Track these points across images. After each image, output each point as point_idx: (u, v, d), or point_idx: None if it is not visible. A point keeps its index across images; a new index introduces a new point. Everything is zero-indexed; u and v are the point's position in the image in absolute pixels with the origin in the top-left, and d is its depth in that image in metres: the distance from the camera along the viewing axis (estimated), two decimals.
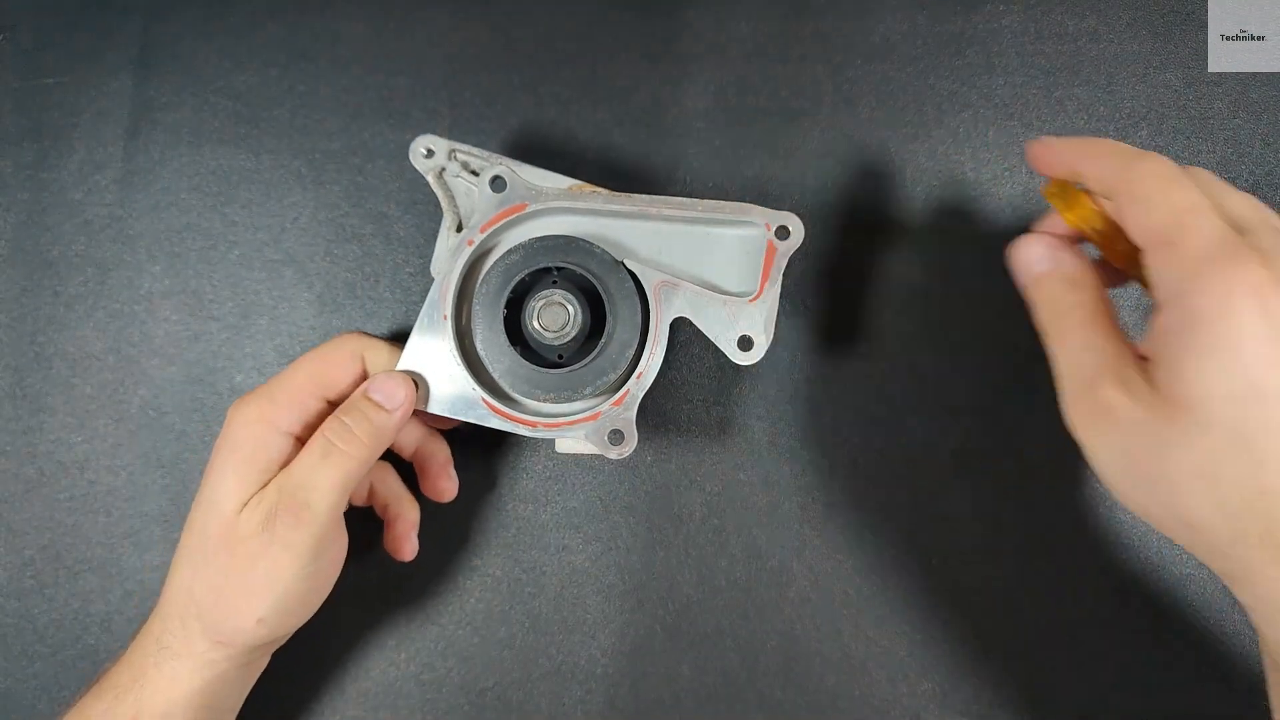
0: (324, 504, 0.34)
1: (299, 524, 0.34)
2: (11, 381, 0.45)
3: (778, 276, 0.38)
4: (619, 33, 0.46)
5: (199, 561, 0.35)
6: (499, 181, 0.37)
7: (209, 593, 0.35)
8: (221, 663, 0.35)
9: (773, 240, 0.37)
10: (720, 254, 0.39)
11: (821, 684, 0.42)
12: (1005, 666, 0.42)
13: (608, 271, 0.37)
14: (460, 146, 0.38)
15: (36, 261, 0.46)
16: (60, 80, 0.47)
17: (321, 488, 0.34)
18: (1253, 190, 0.43)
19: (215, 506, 0.35)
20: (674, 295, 0.37)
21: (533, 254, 0.37)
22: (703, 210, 0.38)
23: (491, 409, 0.37)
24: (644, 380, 0.37)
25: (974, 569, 0.43)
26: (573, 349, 0.38)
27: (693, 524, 0.44)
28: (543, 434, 0.38)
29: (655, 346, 0.37)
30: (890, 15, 0.46)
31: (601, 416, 0.37)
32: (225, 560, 0.34)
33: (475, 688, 0.43)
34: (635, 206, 0.38)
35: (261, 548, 0.34)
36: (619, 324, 0.37)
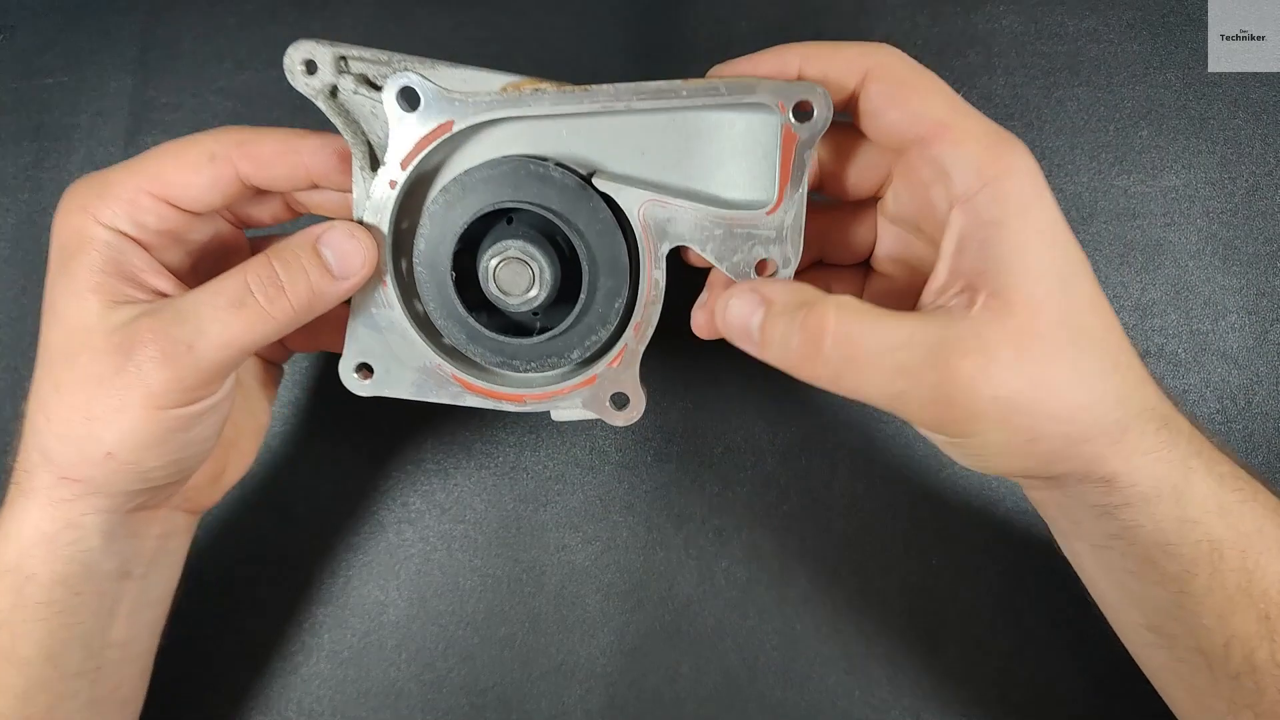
0: (212, 357, 0.28)
1: (167, 363, 0.28)
2: (10, 382, 0.45)
3: (801, 175, 0.28)
4: (619, 33, 0.46)
5: (46, 384, 0.30)
6: (409, 94, 0.29)
7: (50, 418, 0.29)
8: (78, 504, 0.30)
9: (790, 124, 0.28)
10: (720, 152, 0.29)
11: (821, 684, 0.42)
12: (1006, 666, 0.42)
13: (573, 200, 0.29)
14: (350, 50, 0.29)
15: (36, 261, 0.46)
16: (60, 80, 0.47)
17: (217, 339, 0.28)
18: (1253, 190, 0.44)
19: (57, 318, 0.29)
20: (665, 218, 0.29)
21: (470, 192, 0.30)
22: (689, 93, 0.28)
23: (467, 386, 0.31)
24: (644, 332, 0.31)
25: (975, 568, 0.43)
26: (546, 307, 0.31)
27: (693, 524, 0.44)
28: (533, 407, 0.32)
29: (650, 288, 0.30)
30: (890, 15, 0.46)
31: (598, 380, 0.31)
32: (69, 377, 0.29)
33: (475, 687, 0.43)
34: (597, 102, 0.28)
35: (113, 372, 0.28)
36: (599, 270, 0.30)
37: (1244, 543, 0.28)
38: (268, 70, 0.46)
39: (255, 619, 0.43)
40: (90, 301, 0.29)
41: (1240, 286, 0.43)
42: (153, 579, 0.34)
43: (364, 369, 0.32)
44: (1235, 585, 0.28)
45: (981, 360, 0.25)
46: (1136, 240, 0.44)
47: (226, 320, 0.28)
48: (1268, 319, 0.43)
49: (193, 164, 0.30)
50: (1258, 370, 0.43)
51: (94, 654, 0.32)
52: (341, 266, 0.30)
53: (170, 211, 0.30)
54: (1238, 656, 0.28)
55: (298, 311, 0.29)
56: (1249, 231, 0.43)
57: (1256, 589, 0.27)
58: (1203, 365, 0.43)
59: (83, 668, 0.32)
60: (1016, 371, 0.26)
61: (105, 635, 0.33)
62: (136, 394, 0.28)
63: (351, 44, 0.29)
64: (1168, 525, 0.28)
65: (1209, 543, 0.27)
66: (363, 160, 0.30)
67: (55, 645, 0.31)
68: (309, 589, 0.44)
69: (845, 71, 0.28)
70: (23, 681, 0.31)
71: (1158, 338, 0.43)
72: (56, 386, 0.29)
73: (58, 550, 0.30)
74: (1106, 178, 0.44)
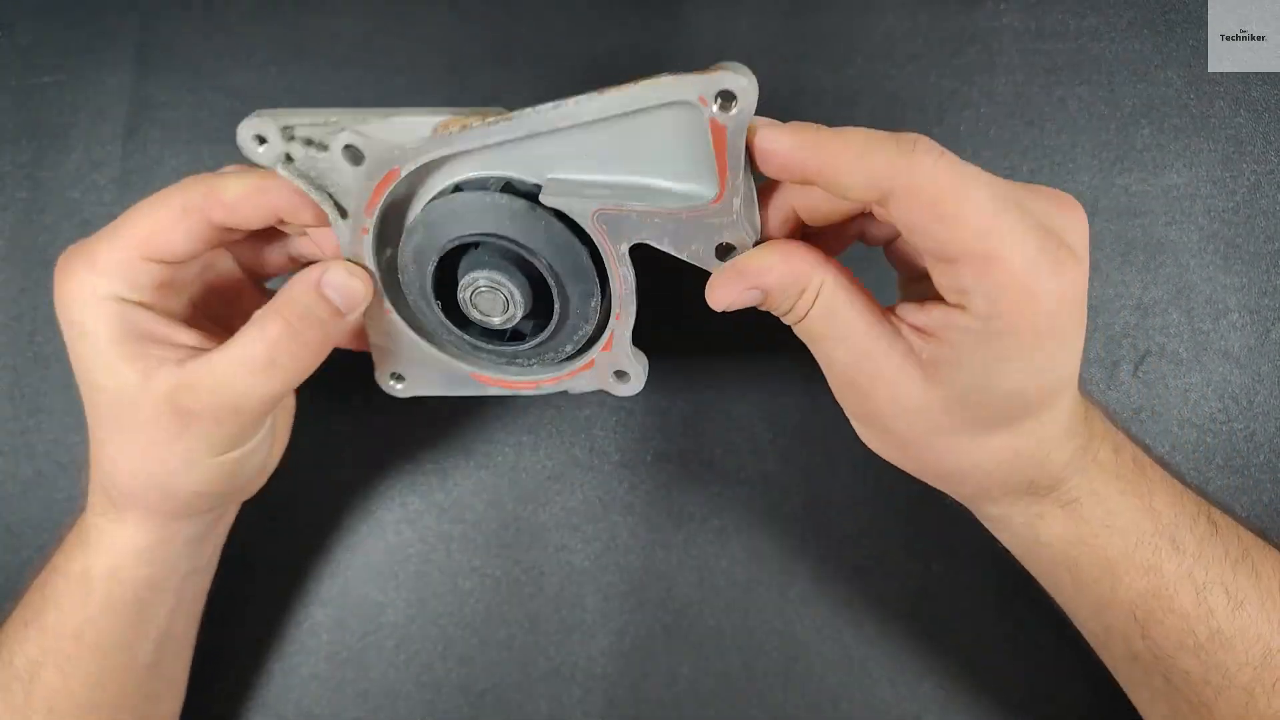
0: (255, 411, 0.31)
1: (219, 426, 0.31)
2: (9, 381, 0.45)
3: (738, 161, 0.28)
4: (619, 32, 0.46)
5: (110, 445, 0.33)
6: (352, 151, 0.30)
7: (127, 473, 0.32)
8: (169, 525, 0.34)
9: (715, 116, 0.27)
10: (658, 151, 0.29)
11: (822, 684, 0.42)
12: (1006, 667, 0.42)
13: (526, 222, 0.30)
14: (292, 119, 0.30)
15: (34, 260, 0.45)
16: (58, 78, 0.47)
17: (257, 400, 0.31)
18: (1253, 189, 0.44)
19: (99, 389, 0.32)
20: (618, 221, 0.30)
21: (432, 228, 0.31)
22: (610, 101, 0.28)
23: (485, 381, 0.35)
24: (625, 319, 0.32)
25: (975, 569, 0.43)
26: (530, 316, 0.33)
27: (693, 524, 0.44)
28: (547, 390, 0.35)
29: (621, 284, 0.31)
30: (891, 13, 0.46)
31: (595, 363, 0.34)
32: (134, 441, 0.32)
33: (474, 689, 0.43)
34: (522, 129, 0.29)
35: (174, 437, 0.31)
36: (566, 278, 0.31)
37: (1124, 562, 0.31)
38: (266, 68, 0.46)
39: (254, 619, 0.43)
40: (125, 372, 0.31)
41: (1242, 285, 0.43)
42: (207, 571, 0.39)
43: (396, 376, 0.36)
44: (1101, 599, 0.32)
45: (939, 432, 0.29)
46: (1138, 239, 0.44)
47: (262, 382, 0.31)
48: (1269, 318, 0.43)
49: (168, 222, 0.31)
50: (1259, 369, 0.42)
51: (160, 646, 0.36)
52: (346, 303, 0.32)
53: (158, 267, 0.32)
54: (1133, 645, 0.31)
55: (320, 355, 0.32)
56: (1250, 230, 0.43)
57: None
58: (1204, 364, 0.43)
59: (152, 659, 0.36)
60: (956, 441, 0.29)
61: (170, 628, 0.37)
62: (201, 451, 0.32)
63: (292, 109, 0.31)
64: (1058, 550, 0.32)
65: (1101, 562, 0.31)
66: (334, 214, 0.32)
67: (133, 637, 0.35)
68: (307, 590, 0.44)
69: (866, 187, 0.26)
70: (98, 670, 0.34)
71: (1159, 336, 0.43)
72: (122, 447, 0.32)
73: (150, 558, 0.34)
74: (1108, 176, 0.44)
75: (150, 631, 0.36)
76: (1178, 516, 0.31)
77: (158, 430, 0.31)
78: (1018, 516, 0.32)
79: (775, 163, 0.27)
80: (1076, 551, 0.31)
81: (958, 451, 0.29)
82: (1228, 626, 0.30)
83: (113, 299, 0.31)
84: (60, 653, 0.34)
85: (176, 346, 0.32)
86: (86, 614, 0.34)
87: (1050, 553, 0.32)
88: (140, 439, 0.32)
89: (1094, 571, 0.31)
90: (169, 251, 0.31)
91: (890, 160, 0.25)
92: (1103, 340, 0.43)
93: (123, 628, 0.34)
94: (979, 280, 0.25)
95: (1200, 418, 0.43)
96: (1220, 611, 0.30)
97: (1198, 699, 0.30)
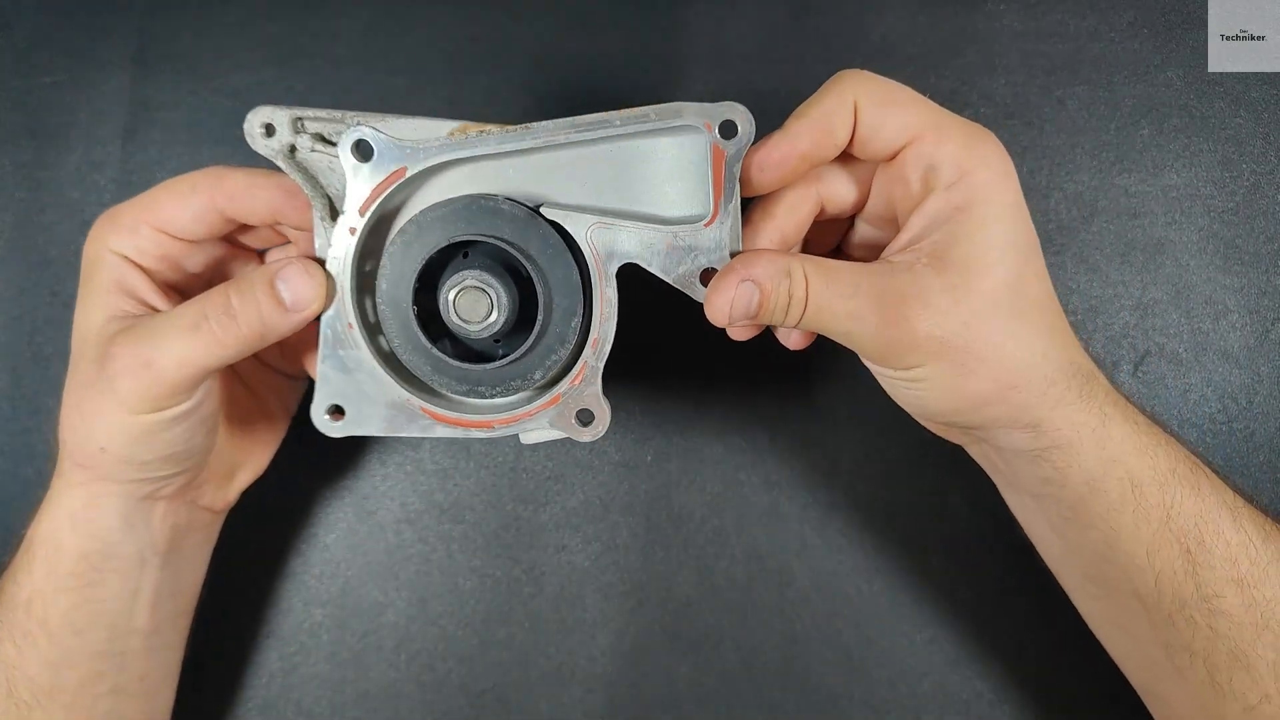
0: (171, 373, 0.31)
1: (130, 376, 0.31)
2: (9, 382, 0.45)
3: (733, 187, 0.31)
4: (618, 32, 0.46)
5: (69, 376, 0.34)
6: (363, 146, 0.31)
7: (65, 410, 0.33)
8: (93, 487, 0.34)
9: (718, 143, 0.30)
10: (657, 174, 0.31)
11: (821, 684, 0.42)
12: (1005, 667, 0.42)
13: (524, 230, 0.31)
14: (306, 112, 0.31)
15: (34, 260, 0.45)
16: (58, 79, 0.47)
17: (173, 356, 0.31)
18: (1253, 189, 0.44)
19: (76, 327, 0.34)
20: (612, 238, 0.31)
21: (425, 230, 0.31)
22: (622, 122, 0.30)
23: (436, 418, 0.33)
24: (601, 348, 0.32)
25: (974, 569, 0.43)
26: (506, 333, 0.32)
27: (693, 524, 0.44)
28: (501, 432, 0.33)
29: (604, 306, 0.32)
30: (890, 14, 0.46)
31: (562, 399, 0.32)
32: (72, 380, 0.33)
33: (474, 688, 0.43)
34: (539, 138, 0.30)
35: (94, 379, 0.32)
36: (554, 292, 0.31)
37: (1161, 480, 0.31)
38: (265, 68, 0.46)
39: (254, 620, 0.43)
40: (96, 315, 0.33)
41: (1241, 285, 0.43)
42: (172, 571, 0.37)
43: (336, 410, 0.33)
44: (1158, 520, 0.31)
45: (918, 305, 0.30)
46: (1137, 239, 0.44)
47: (183, 341, 0.31)
48: (1269, 318, 0.43)
49: (180, 196, 0.33)
50: (1259, 369, 0.42)
51: (118, 637, 0.36)
52: (294, 300, 0.32)
53: (164, 238, 0.34)
54: (1168, 594, 0.31)
55: (248, 338, 0.32)
56: (1250, 230, 0.43)
57: (1175, 524, 0.30)
58: (1204, 364, 0.43)
59: (108, 649, 0.35)
60: (951, 316, 0.30)
61: (128, 621, 0.36)
62: (110, 400, 0.32)
63: (306, 106, 0.32)
64: (1091, 464, 0.31)
65: (1130, 480, 0.31)
66: (323, 211, 0.32)
67: (80, 620, 0.34)
68: (308, 590, 0.44)
69: (839, 111, 0.31)
70: (53, 652, 0.34)
71: (1159, 337, 0.43)
72: (68, 392, 0.33)
73: (80, 526, 0.34)
74: (1107, 176, 0.44)
75: (101, 614, 0.35)
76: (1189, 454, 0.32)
77: (87, 374, 0.32)
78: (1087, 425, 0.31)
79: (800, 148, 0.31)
80: (1141, 465, 0.31)
81: (1004, 335, 0.30)
82: (1264, 554, 0.30)
83: (117, 255, 0.33)
84: (15, 625, 0.34)
85: (150, 309, 0.34)
86: (33, 584, 0.34)
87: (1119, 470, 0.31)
88: (76, 382, 0.33)
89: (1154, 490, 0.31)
90: (174, 226, 0.34)
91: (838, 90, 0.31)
92: (1102, 340, 0.43)
93: (69, 605, 0.34)
94: (938, 146, 0.31)
95: (1200, 418, 0.43)
96: (1257, 541, 0.30)
97: (1236, 646, 0.30)
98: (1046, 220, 0.44)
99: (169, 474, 0.35)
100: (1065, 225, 0.44)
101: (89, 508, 0.34)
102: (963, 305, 0.30)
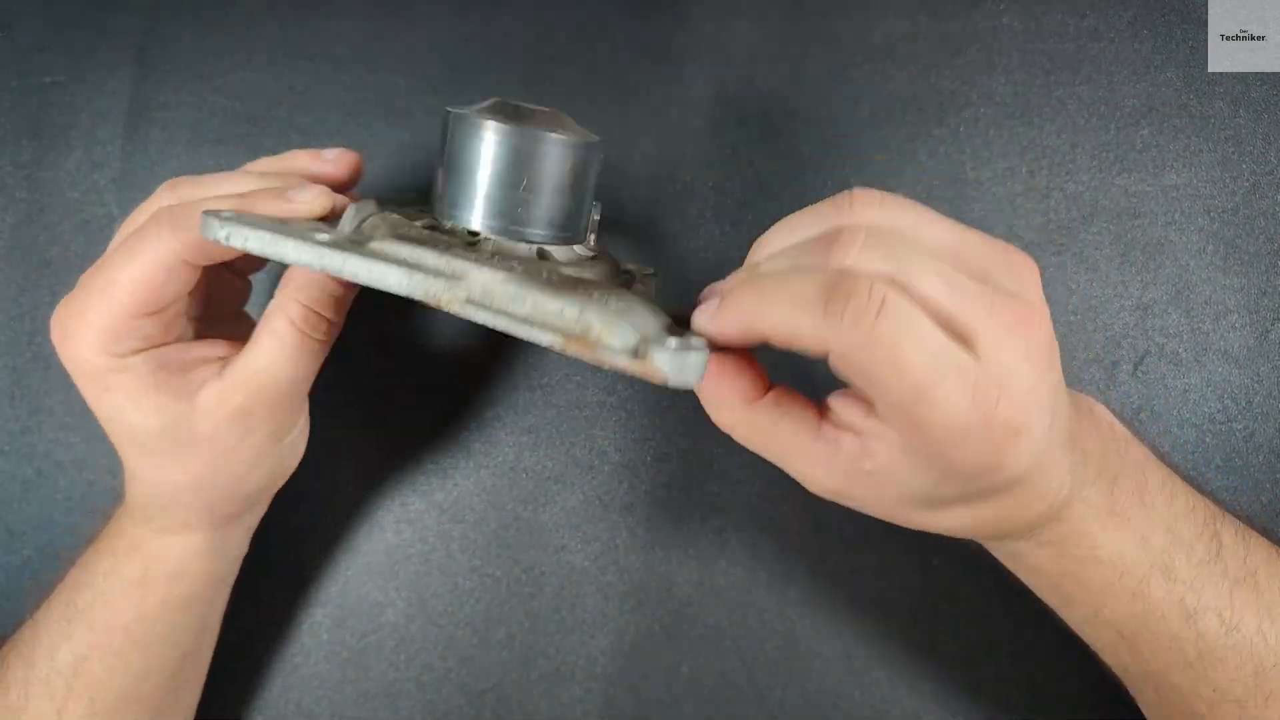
0: (304, 386, 0.33)
1: (278, 409, 0.33)
2: (9, 381, 0.45)
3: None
4: (619, 31, 0.46)
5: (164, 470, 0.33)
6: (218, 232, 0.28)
7: (192, 490, 0.33)
8: (224, 523, 0.36)
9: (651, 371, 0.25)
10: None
11: (821, 684, 0.42)
12: (1006, 667, 0.42)
13: None
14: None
15: (34, 261, 0.45)
16: (58, 79, 0.47)
17: (298, 379, 0.32)
18: (1253, 189, 0.43)
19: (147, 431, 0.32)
20: None
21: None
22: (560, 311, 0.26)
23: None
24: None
25: (976, 569, 0.43)
26: None
27: (692, 524, 0.44)
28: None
29: None
30: (891, 14, 0.46)
31: None
32: (197, 465, 0.33)
33: (474, 689, 0.43)
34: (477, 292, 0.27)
35: (240, 439, 0.32)
36: None
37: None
38: (267, 69, 0.46)
39: (253, 620, 0.43)
40: (169, 407, 0.31)
41: (1241, 286, 0.43)
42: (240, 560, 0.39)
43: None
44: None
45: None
46: (1137, 239, 0.44)
47: (301, 363, 0.32)
48: (1269, 318, 0.43)
49: (154, 279, 0.30)
50: (1259, 370, 0.42)
51: (197, 637, 0.38)
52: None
53: (155, 315, 0.31)
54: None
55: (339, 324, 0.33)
56: (1250, 231, 0.43)
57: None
58: (1204, 365, 0.43)
59: (192, 648, 0.38)
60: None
61: (209, 619, 0.38)
62: (267, 443, 0.33)
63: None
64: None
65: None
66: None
67: (178, 633, 0.36)
68: (307, 590, 0.44)
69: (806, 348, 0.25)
70: (144, 664, 0.35)
71: (1159, 337, 0.43)
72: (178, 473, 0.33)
73: (213, 555, 0.36)
74: (1107, 176, 0.44)
75: (193, 623, 0.37)
76: (1174, 544, 0.30)
77: (223, 440, 0.32)
78: (999, 550, 0.33)
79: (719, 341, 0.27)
80: (1059, 580, 0.32)
81: (923, 521, 0.29)
82: (1219, 647, 0.29)
83: (128, 353, 0.31)
84: (108, 648, 0.35)
85: (205, 362, 0.33)
86: (141, 611, 0.35)
87: (1034, 578, 0.33)
88: (203, 456, 0.32)
89: (1079, 594, 0.31)
90: (162, 304, 0.31)
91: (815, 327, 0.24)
92: (1102, 340, 0.43)
93: (172, 623, 0.36)
94: (911, 436, 0.25)
95: (1199, 418, 0.43)
96: (1212, 634, 0.29)
97: (1190, 710, 0.31)
98: (1046, 220, 0.44)
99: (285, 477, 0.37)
100: (1065, 225, 0.44)
101: (224, 540, 0.36)
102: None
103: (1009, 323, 0.25)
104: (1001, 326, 0.24)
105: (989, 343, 0.24)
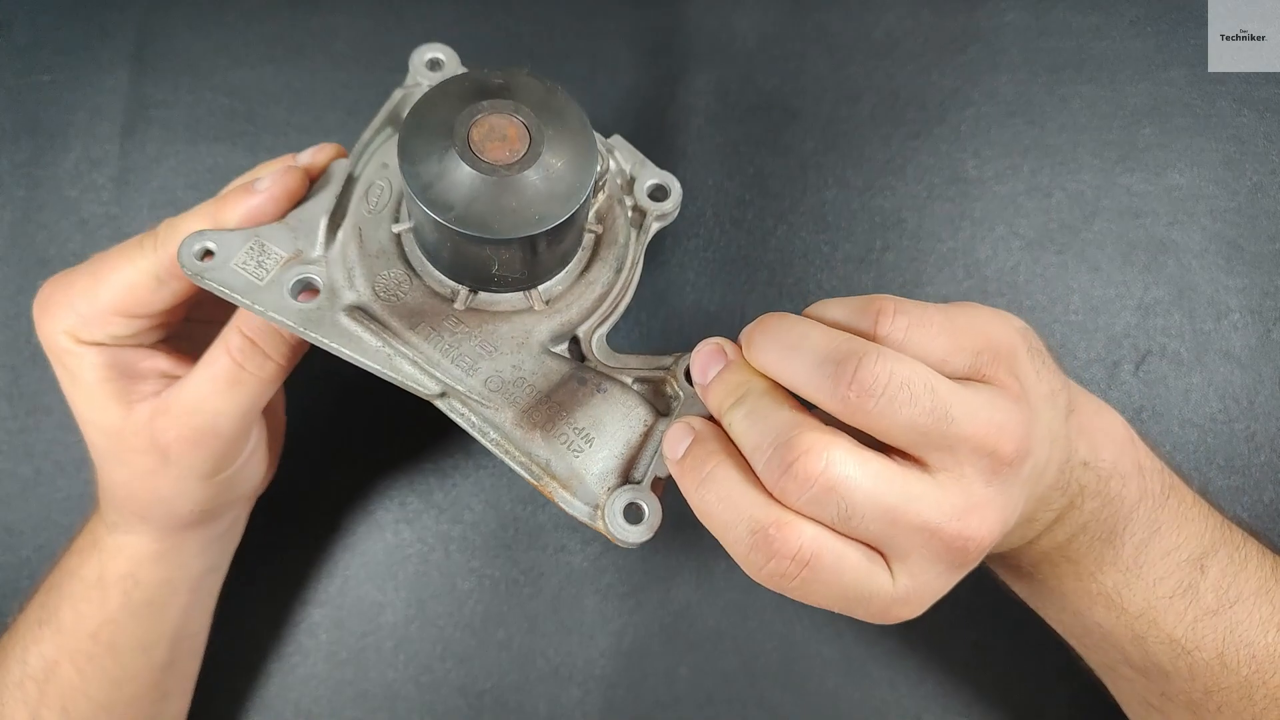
0: (231, 429, 0.32)
1: (199, 449, 0.32)
2: (8, 381, 0.45)
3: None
4: (619, 29, 0.46)
5: (112, 475, 0.34)
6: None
7: (127, 497, 0.34)
8: (172, 533, 0.35)
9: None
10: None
11: (821, 685, 0.42)
12: (1006, 667, 0.42)
13: None
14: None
15: (32, 260, 0.45)
16: (56, 77, 0.46)
17: (230, 416, 0.32)
18: (1256, 189, 0.43)
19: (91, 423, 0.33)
20: None
21: None
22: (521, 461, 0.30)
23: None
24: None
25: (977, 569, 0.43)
26: None
27: (692, 524, 0.43)
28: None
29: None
30: (893, 12, 0.45)
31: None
32: (128, 473, 0.33)
33: (473, 689, 0.43)
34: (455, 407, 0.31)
35: (160, 466, 0.32)
36: None
37: None
38: (264, 66, 0.46)
39: (252, 620, 0.43)
40: (112, 409, 0.32)
41: (1244, 286, 0.43)
42: (220, 568, 0.39)
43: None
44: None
45: None
46: (1140, 239, 0.43)
47: (232, 398, 0.31)
48: (1271, 318, 0.43)
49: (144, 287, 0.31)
50: (1260, 370, 0.42)
51: (175, 645, 0.37)
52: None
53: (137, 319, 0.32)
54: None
55: (285, 364, 0.32)
56: (1253, 231, 0.43)
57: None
58: (1206, 365, 0.43)
59: (167, 658, 0.37)
60: None
61: (185, 626, 0.38)
62: (189, 477, 0.33)
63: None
64: None
65: None
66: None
67: (151, 638, 0.36)
68: (306, 590, 0.44)
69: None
70: (117, 670, 0.35)
71: (1161, 337, 0.43)
72: (118, 476, 0.34)
73: (165, 562, 0.35)
74: (1110, 175, 0.44)
75: (167, 630, 0.36)
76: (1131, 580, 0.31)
77: (146, 460, 0.32)
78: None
79: None
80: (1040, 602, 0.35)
81: None
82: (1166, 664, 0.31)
83: (94, 345, 0.32)
84: (78, 652, 0.35)
85: (158, 377, 0.33)
86: (105, 614, 0.35)
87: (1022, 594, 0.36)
88: (133, 468, 0.33)
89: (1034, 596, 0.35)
90: (147, 311, 0.32)
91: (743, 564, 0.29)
92: (1104, 340, 0.43)
93: (141, 628, 0.35)
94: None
95: (1201, 418, 0.42)
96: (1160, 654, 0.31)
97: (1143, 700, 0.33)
98: (1048, 219, 0.44)
99: (242, 503, 0.38)
100: (1068, 224, 0.44)
101: (176, 549, 0.35)
102: None
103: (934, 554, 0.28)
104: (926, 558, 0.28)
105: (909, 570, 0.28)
